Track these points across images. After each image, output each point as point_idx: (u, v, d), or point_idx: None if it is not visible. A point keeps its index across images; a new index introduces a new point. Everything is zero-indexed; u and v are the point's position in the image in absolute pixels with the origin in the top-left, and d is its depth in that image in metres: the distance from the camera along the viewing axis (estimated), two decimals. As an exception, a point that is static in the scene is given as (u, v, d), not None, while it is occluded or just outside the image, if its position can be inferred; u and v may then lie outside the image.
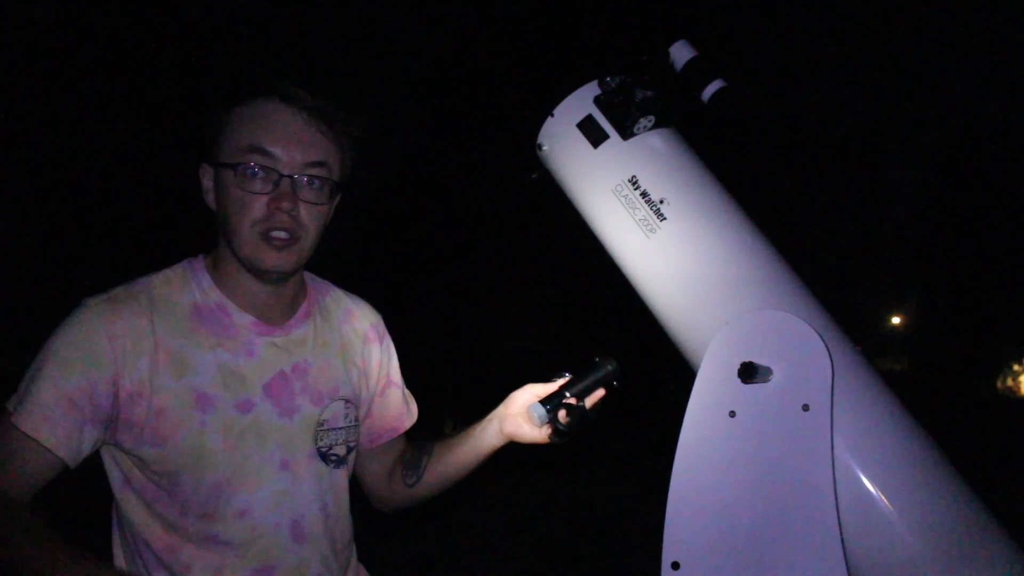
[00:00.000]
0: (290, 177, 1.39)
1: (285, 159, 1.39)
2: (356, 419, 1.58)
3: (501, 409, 1.59)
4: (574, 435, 1.50)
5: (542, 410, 1.48)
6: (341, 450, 1.53)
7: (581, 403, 1.50)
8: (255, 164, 1.38)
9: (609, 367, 1.52)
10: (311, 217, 1.42)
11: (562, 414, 1.48)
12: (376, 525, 1.74)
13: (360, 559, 1.65)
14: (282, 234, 1.40)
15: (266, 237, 1.39)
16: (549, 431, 1.51)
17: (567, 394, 1.50)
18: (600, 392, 1.53)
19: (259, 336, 1.46)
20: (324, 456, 1.50)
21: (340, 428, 1.53)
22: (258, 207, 1.38)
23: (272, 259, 1.40)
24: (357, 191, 1.54)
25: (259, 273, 1.44)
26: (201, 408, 1.38)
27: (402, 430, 1.71)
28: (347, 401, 1.55)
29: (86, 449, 1.36)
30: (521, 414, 1.55)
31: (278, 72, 1.46)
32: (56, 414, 1.32)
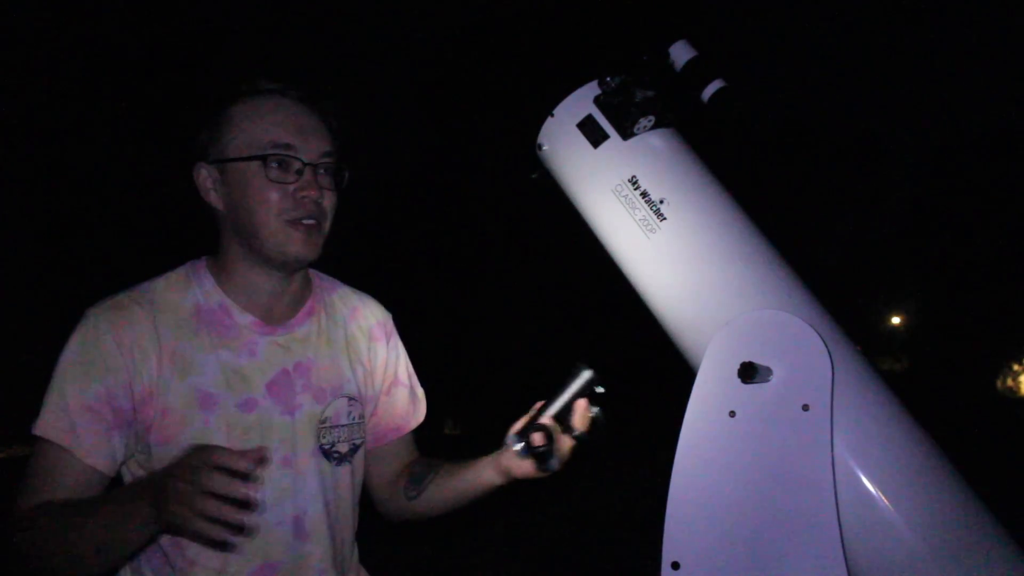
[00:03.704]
0: (312, 165, 1.43)
1: (304, 148, 1.43)
2: (361, 416, 1.58)
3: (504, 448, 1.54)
4: (586, 450, 1.44)
5: (517, 440, 1.45)
6: (344, 447, 1.53)
7: (564, 422, 1.42)
8: (281, 155, 1.42)
9: (584, 376, 1.43)
10: (330, 204, 1.47)
11: (537, 437, 1.42)
12: (376, 526, 1.74)
13: (360, 560, 1.65)
14: (308, 220, 1.44)
15: (294, 223, 1.43)
16: (533, 461, 1.45)
17: (541, 418, 1.43)
18: (583, 404, 1.44)
19: (261, 336, 1.48)
20: (327, 453, 1.50)
21: (343, 426, 1.53)
22: (284, 197, 1.42)
23: (299, 248, 1.44)
24: (356, 191, 1.55)
25: (281, 264, 1.46)
26: (204, 408, 1.40)
27: (407, 430, 1.70)
28: (351, 399, 1.55)
29: (119, 456, 1.38)
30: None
31: (272, 71, 1.49)
32: (80, 425, 1.34)
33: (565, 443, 1.43)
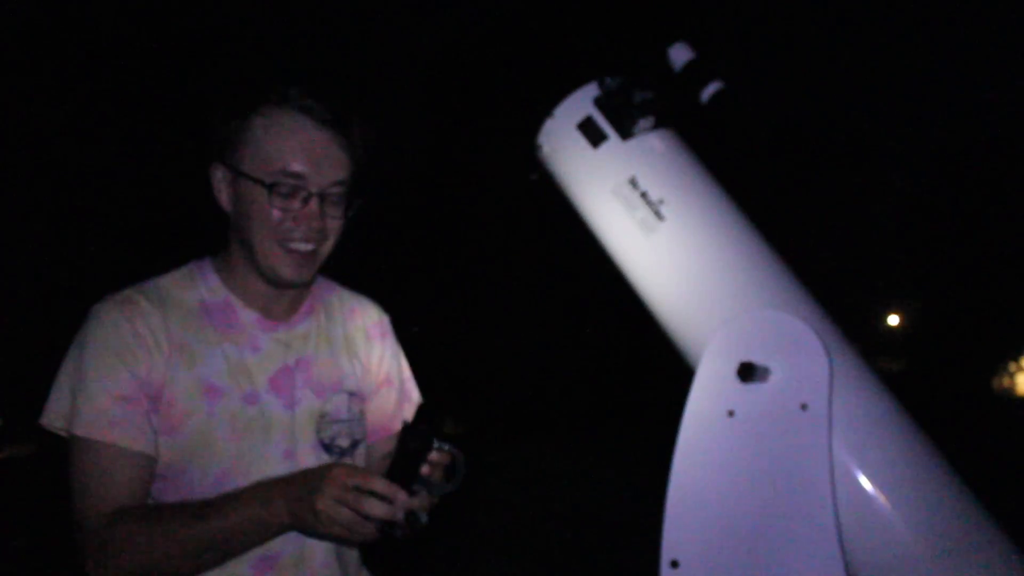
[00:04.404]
0: (319, 195, 1.43)
1: (314, 178, 1.43)
2: (361, 412, 1.60)
3: None
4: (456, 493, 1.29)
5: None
6: (344, 441, 1.55)
7: (420, 481, 1.26)
8: (289, 184, 1.42)
9: (412, 443, 1.27)
10: (332, 230, 1.47)
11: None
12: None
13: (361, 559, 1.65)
14: (305, 246, 1.44)
15: (287, 249, 1.43)
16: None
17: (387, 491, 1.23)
18: (434, 463, 1.29)
19: (263, 332, 1.51)
20: (327, 447, 1.52)
21: (343, 420, 1.55)
22: (285, 222, 1.43)
23: (291, 272, 1.45)
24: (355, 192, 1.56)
25: (272, 282, 1.48)
26: (209, 398, 1.42)
27: (392, 431, 1.68)
28: (351, 394, 1.58)
29: (157, 438, 1.40)
30: None
31: (286, 76, 1.48)
32: (121, 416, 1.36)
33: (425, 501, 1.27)
